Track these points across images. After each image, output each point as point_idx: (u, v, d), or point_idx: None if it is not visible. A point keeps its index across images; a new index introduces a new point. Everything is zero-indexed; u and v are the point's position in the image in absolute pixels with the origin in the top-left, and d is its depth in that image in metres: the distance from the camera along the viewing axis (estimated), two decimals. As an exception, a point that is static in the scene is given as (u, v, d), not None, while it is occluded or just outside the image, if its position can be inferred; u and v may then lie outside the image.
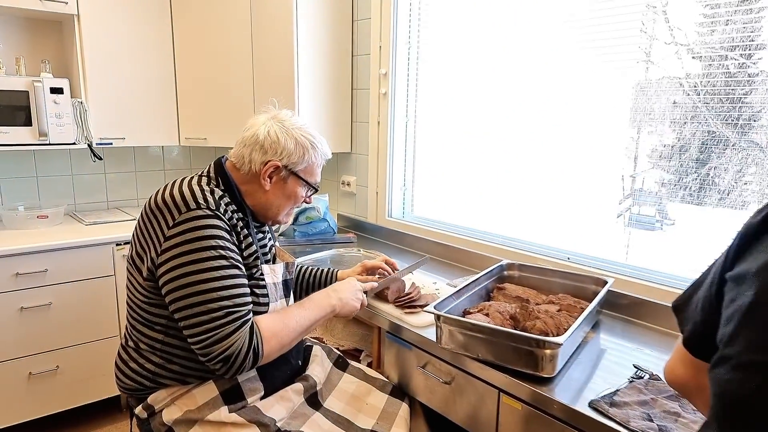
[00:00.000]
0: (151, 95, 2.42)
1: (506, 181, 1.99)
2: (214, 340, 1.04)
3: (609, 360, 1.28)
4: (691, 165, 1.35)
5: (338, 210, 2.67)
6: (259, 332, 1.09)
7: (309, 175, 1.28)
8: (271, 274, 1.24)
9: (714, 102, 1.29)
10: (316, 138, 1.26)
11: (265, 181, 1.21)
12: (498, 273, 1.66)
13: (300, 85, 2.22)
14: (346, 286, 1.36)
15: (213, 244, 1.07)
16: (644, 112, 1.45)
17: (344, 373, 1.44)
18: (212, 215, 1.09)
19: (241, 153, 1.22)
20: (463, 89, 2.08)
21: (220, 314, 1.05)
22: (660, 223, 1.53)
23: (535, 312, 1.34)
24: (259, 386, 1.20)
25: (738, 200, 1.29)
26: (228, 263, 1.08)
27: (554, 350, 1.13)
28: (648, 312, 1.52)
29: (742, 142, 1.26)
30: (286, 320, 1.17)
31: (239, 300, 1.08)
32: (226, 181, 1.20)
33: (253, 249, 1.19)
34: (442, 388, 1.35)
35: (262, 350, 1.09)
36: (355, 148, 2.50)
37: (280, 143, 1.20)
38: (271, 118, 1.24)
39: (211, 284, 1.05)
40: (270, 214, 1.27)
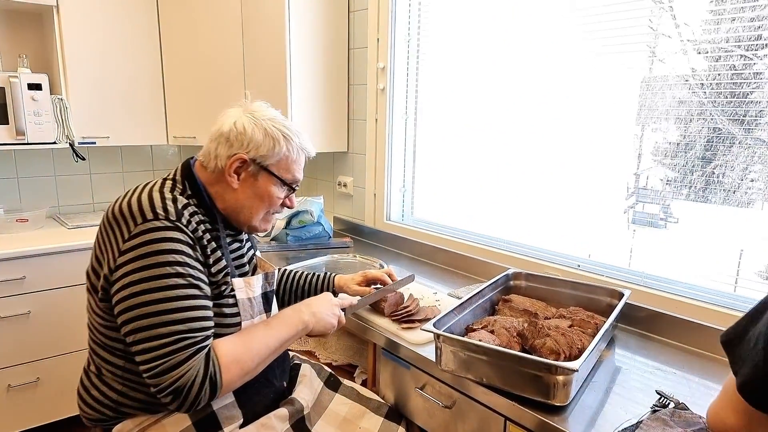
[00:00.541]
0: (137, 92, 2.30)
1: (511, 182, 1.88)
2: (163, 369, 0.91)
3: (627, 383, 1.15)
4: (697, 162, 1.32)
5: (334, 212, 2.55)
6: (217, 359, 0.96)
7: (283, 170, 1.13)
8: (246, 288, 1.11)
9: (720, 99, 1.26)
10: (290, 130, 1.13)
11: (232, 177, 1.08)
12: (504, 283, 1.53)
13: (292, 80, 2.10)
14: (321, 300, 1.21)
15: (170, 259, 0.95)
16: (649, 109, 1.40)
17: (336, 393, 1.32)
18: (172, 227, 0.97)
19: (208, 149, 1.10)
20: (466, 86, 1.96)
21: (170, 340, 0.92)
22: (664, 221, 1.47)
23: (544, 328, 1.22)
24: (237, 413, 1.08)
25: (743, 198, 1.25)
26: (185, 282, 0.96)
27: (568, 376, 1.00)
28: (666, 326, 1.39)
29: (748, 140, 1.23)
30: (249, 343, 1.03)
31: (195, 324, 0.95)
32: (193, 185, 1.08)
33: (222, 264, 1.06)
34: (442, 412, 1.23)
35: (221, 379, 0.95)
36: (352, 147, 2.38)
37: (246, 134, 1.07)
38: (242, 112, 1.11)
39: (163, 306, 0.93)
40: (242, 218, 1.13)
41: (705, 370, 1.22)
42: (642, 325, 1.44)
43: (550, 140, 1.73)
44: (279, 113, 1.16)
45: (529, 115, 1.78)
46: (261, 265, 1.26)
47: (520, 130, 1.82)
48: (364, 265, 1.95)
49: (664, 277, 1.48)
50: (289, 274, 1.47)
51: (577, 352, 1.17)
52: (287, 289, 1.44)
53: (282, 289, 1.45)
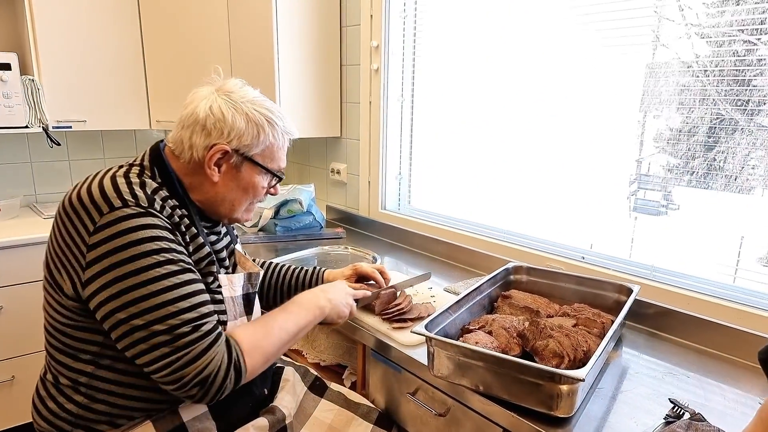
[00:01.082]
0: (116, 73, 2.17)
1: (511, 170, 1.78)
2: (186, 362, 0.83)
3: (636, 389, 1.05)
4: (699, 149, 1.30)
5: (327, 201, 2.44)
6: (238, 345, 0.90)
7: (269, 159, 1.03)
8: (228, 286, 1.01)
9: (723, 85, 1.24)
10: (274, 112, 1.01)
11: (212, 170, 0.97)
12: (503, 278, 1.43)
13: (280, 59, 1.97)
14: (337, 287, 1.17)
15: (154, 247, 0.85)
16: (652, 95, 1.37)
17: (321, 398, 1.22)
18: (144, 213, 0.87)
19: (180, 136, 0.97)
20: (465, 68, 1.85)
21: (186, 330, 0.84)
22: (665, 208, 1.43)
23: (547, 329, 1.12)
24: (211, 426, 0.98)
25: (745, 185, 1.24)
26: (179, 268, 0.87)
27: (573, 386, 0.90)
28: (676, 324, 1.30)
29: (750, 126, 1.20)
30: (269, 328, 0.97)
31: (204, 309, 0.87)
32: (163, 171, 0.97)
33: (205, 251, 0.96)
34: (435, 420, 1.13)
35: (245, 365, 0.90)
36: (346, 131, 2.26)
37: (226, 121, 0.95)
38: (215, 91, 0.99)
39: (164, 296, 0.84)
40: (223, 210, 1.03)
41: (721, 373, 1.13)
42: (651, 323, 1.35)
43: (551, 127, 1.65)
44: (258, 92, 1.04)
45: (531, 101, 1.68)
46: (241, 262, 1.15)
47: (522, 115, 1.72)
48: (356, 258, 1.85)
49: (673, 271, 1.38)
50: (275, 268, 1.37)
51: (583, 355, 1.07)
52: (273, 284, 1.34)
53: (267, 284, 1.34)
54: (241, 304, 1.05)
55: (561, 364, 1.06)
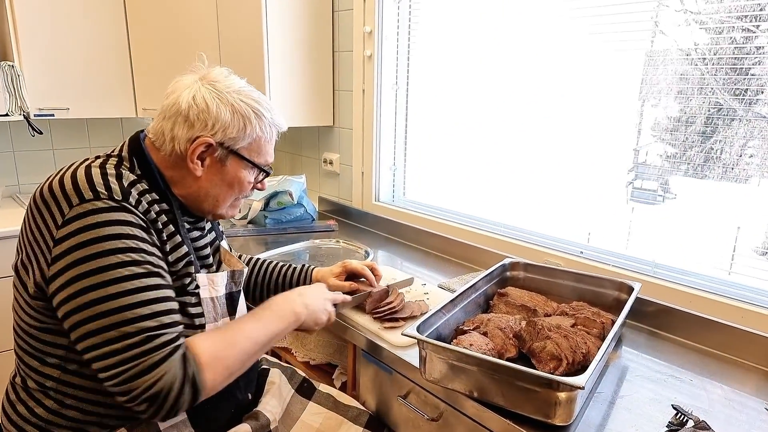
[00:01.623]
0: (100, 59, 2.09)
1: (509, 161, 1.73)
2: (135, 374, 0.76)
3: (638, 393, 1.01)
4: (696, 138, 1.28)
5: (320, 192, 2.38)
6: (194, 358, 0.82)
7: (255, 153, 0.98)
8: (210, 287, 0.96)
9: (721, 74, 1.22)
10: (261, 103, 0.96)
11: (195, 164, 0.92)
12: (500, 275, 1.38)
13: (270, 44, 1.90)
14: (315, 291, 1.08)
15: (120, 245, 0.79)
16: (651, 84, 1.34)
17: (309, 401, 1.18)
18: (117, 207, 0.81)
19: (161, 127, 0.92)
20: (462, 56, 1.78)
21: (139, 339, 0.77)
22: (662, 197, 1.40)
23: (544, 329, 1.07)
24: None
25: (741, 174, 1.23)
26: (144, 270, 0.81)
27: (572, 393, 0.86)
28: (677, 323, 1.26)
29: (748, 115, 1.18)
30: (234, 337, 0.89)
31: (165, 318, 0.81)
32: (144, 163, 0.91)
33: (183, 251, 0.91)
34: (427, 424, 1.09)
35: (203, 381, 0.81)
36: (339, 120, 2.19)
37: (210, 112, 0.90)
38: (198, 80, 0.93)
39: (123, 300, 0.78)
40: (206, 206, 0.98)
41: (724, 375, 1.08)
42: (651, 321, 1.30)
43: (549, 117, 1.60)
44: (245, 82, 0.98)
45: (529, 90, 1.63)
46: (226, 259, 1.10)
47: (520, 105, 1.67)
48: (348, 252, 1.80)
49: (675, 267, 1.34)
50: (262, 265, 1.31)
51: (582, 357, 1.03)
52: (259, 282, 1.29)
53: (252, 281, 1.29)
54: (224, 304, 1.00)
55: (559, 367, 1.02)
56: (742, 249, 1.26)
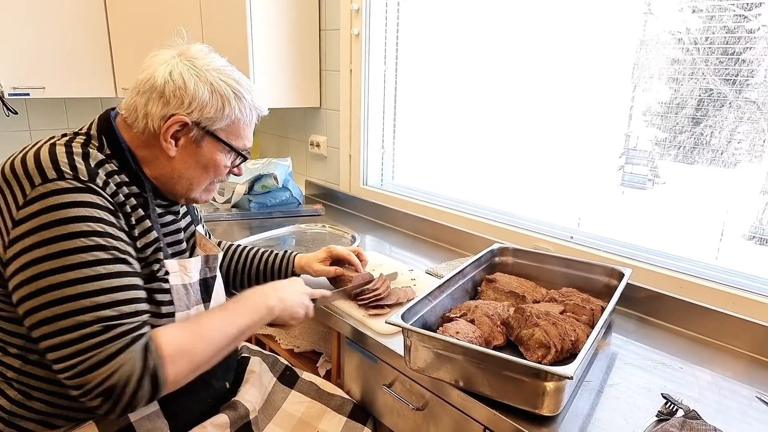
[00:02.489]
0: (77, 36, 2.00)
1: (499, 145, 1.69)
2: (89, 366, 0.72)
3: (627, 381, 0.99)
4: (686, 123, 1.27)
5: (307, 176, 2.33)
6: (157, 350, 0.77)
7: (233, 136, 0.93)
8: (181, 273, 0.91)
9: (713, 59, 1.20)
10: (242, 84, 0.91)
11: (168, 143, 0.87)
12: (488, 260, 1.35)
13: (254, 21, 1.83)
14: (291, 285, 1.04)
15: (84, 228, 0.75)
16: (642, 69, 1.34)
17: (292, 390, 1.15)
18: (83, 188, 0.77)
19: (134, 103, 0.87)
20: (452, 37, 1.73)
21: (96, 329, 0.73)
22: (652, 182, 1.40)
23: (533, 316, 1.04)
24: (163, 425, 0.90)
25: (730, 159, 1.23)
26: (109, 256, 0.76)
27: (560, 383, 0.83)
28: (667, 309, 1.24)
29: (738, 100, 1.18)
30: (201, 330, 0.84)
31: (127, 308, 0.76)
32: (113, 142, 0.86)
33: (152, 237, 0.86)
34: (413, 414, 1.06)
35: (164, 374, 0.77)
36: (326, 102, 2.13)
37: (187, 90, 0.85)
38: (176, 56, 0.88)
39: (82, 287, 0.73)
40: (180, 189, 0.93)
41: (715, 362, 1.07)
42: (641, 307, 1.28)
43: (540, 100, 1.56)
44: (226, 61, 0.93)
45: (520, 74, 1.59)
46: (202, 244, 1.05)
47: (511, 88, 1.63)
48: (334, 237, 1.76)
49: (666, 252, 1.32)
50: (242, 252, 1.27)
51: (570, 345, 1.00)
52: (239, 269, 1.25)
53: (233, 269, 1.25)
54: (198, 291, 0.96)
55: (547, 355, 0.99)
56: (730, 234, 1.25)
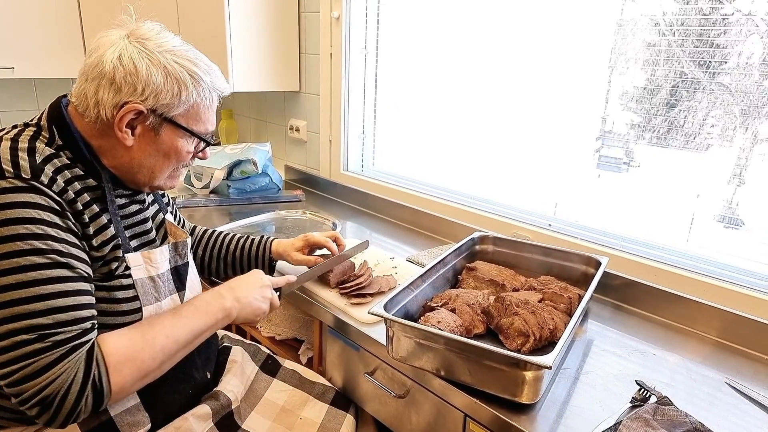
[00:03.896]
0: (47, 14, 1.92)
1: (479, 130, 1.69)
2: (24, 376, 0.70)
3: (602, 368, 1.02)
4: (661, 107, 1.29)
5: (286, 161, 2.30)
6: (103, 358, 0.75)
7: (193, 121, 0.88)
8: (146, 265, 0.88)
9: (688, 43, 1.21)
10: (199, 65, 0.86)
11: (124, 133, 0.82)
12: (468, 249, 1.36)
13: (231, 3, 1.78)
14: (247, 281, 1.00)
15: (21, 231, 0.71)
16: (619, 53, 1.34)
17: (274, 378, 1.15)
18: (25, 187, 0.73)
19: (83, 90, 0.81)
20: (433, 22, 1.71)
21: (29, 337, 0.70)
22: (627, 165, 1.41)
23: (512, 305, 1.06)
24: (144, 418, 0.89)
25: (703, 143, 1.25)
26: (47, 260, 0.73)
27: (538, 372, 0.85)
28: (642, 296, 1.27)
29: (712, 85, 1.20)
30: (151, 335, 0.81)
31: (64, 315, 0.73)
32: (65, 133, 0.82)
33: (109, 234, 0.83)
34: (394, 401, 1.07)
35: (108, 384, 0.75)
36: (305, 86, 2.10)
37: (139, 75, 0.80)
38: (125, 36, 0.82)
39: (15, 293, 0.70)
40: (141, 178, 0.89)
41: (687, 349, 1.10)
42: (617, 295, 1.31)
43: (519, 86, 1.57)
44: (180, 40, 0.87)
45: (500, 60, 1.58)
46: (172, 231, 1.01)
47: (490, 73, 1.62)
48: (314, 224, 1.75)
49: (641, 240, 1.35)
50: (218, 237, 1.25)
51: (549, 333, 1.03)
52: (214, 255, 1.23)
53: (209, 255, 1.23)
54: (170, 281, 0.93)
55: (526, 344, 1.01)
56: (701, 217, 1.28)
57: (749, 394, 0.95)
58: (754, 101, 1.16)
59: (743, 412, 0.91)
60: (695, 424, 0.84)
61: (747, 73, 1.16)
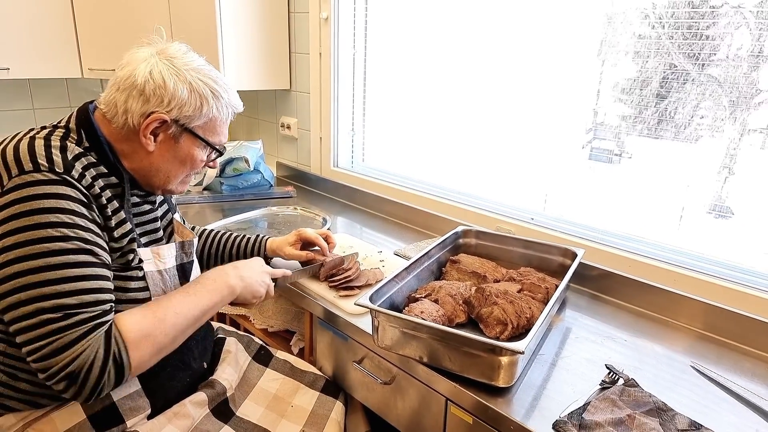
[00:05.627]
0: (41, 16, 1.95)
1: (468, 127, 1.74)
2: (50, 351, 0.76)
3: (576, 354, 1.08)
4: (651, 99, 1.31)
5: (278, 157, 2.35)
6: (120, 335, 0.82)
7: (210, 133, 0.97)
8: (155, 260, 0.95)
9: (677, 35, 1.24)
10: (219, 84, 0.95)
11: (147, 139, 0.91)
12: (452, 242, 1.42)
13: (222, 3, 1.82)
14: (251, 264, 1.08)
15: (53, 220, 0.78)
16: (609, 45, 1.36)
17: (267, 368, 1.20)
18: (58, 180, 0.80)
19: (114, 99, 0.90)
20: (420, 20, 1.75)
21: (56, 316, 0.77)
22: (619, 157, 1.45)
23: (492, 296, 1.12)
24: (144, 403, 0.95)
25: (693, 134, 1.27)
26: (74, 246, 0.80)
27: (513, 357, 0.91)
28: (617, 286, 1.34)
29: (701, 77, 1.23)
30: (163, 313, 0.88)
31: (88, 297, 0.80)
32: (92, 136, 0.90)
33: (127, 228, 0.90)
34: (381, 387, 1.13)
35: (128, 359, 0.81)
36: (296, 84, 2.14)
37: (167, 89, 0.89)
38: (156, 54, 0.91)
39: (45, 275, 0.77)
40: (157, 181, 0.97)
41: (656, 335, 1.17)
42: (593, 285, 1.38)
43: (509, 80, 1.60)
44: (204, 60, 0.97)
45: (489, 55, 1.62)
46: (179, 231, 1.09)
47: (479, 69, 1.66)
48: (305, 220, 1.80)
49: (619, 234, 1.41)
50: (215, 236, 1.31)
51: (526, 321, 1.09)
52: (212, 253, 1.29)
53: (206, 253, 1.29)
54: (175, 276, 1.00)
55: (505, 332, 1.07)
56: (691, 207, 1.32)
57: (711, 375, 1.02)
58: (742, 92, 1.18)
59: (704, 391, 0.98)
60: (658, 404, 0.91)
61: (736, 64, 1.18)
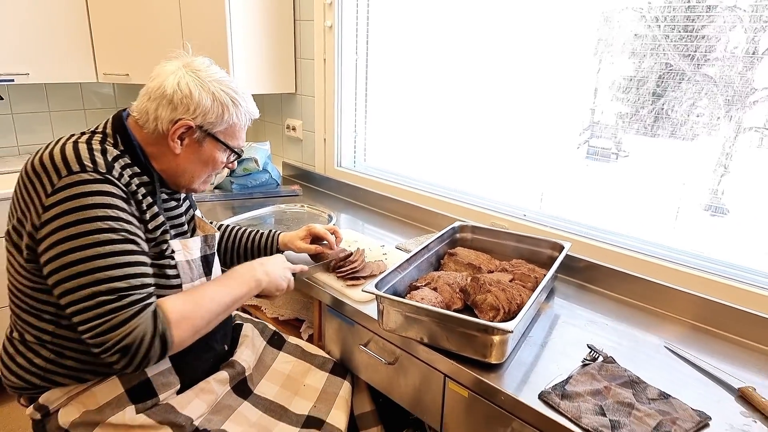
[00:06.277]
0: (58, 23, 2.05)
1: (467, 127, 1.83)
2: (108, 328, 0.87)
3: (562, 336, 1.19)
4: (648, 98, 1.35)
5: (284, 157, 2.46)
6: (165, 316, 0.93)
7: (230, 137, 1.09)
8: (184, 251, 1.06)
9: (673, 34, 1.27)
10: (239, 94, 1.07)
11: (175, 143, 1.02)
12: (450, 236, 1.53)
13: (232, 11, 1.93)
14: (275, 260, 1.22)
15: (101, 214, 0.89)
16: (606, 44, 1.40)
17: (280, 351, 1.32)
18: (101, 179, 0.91)
19: (145, 108, 1.01)
20: (419, 25, 1.85)
21: (111, 298, 0.88)
22: (616, 155, 1.50)
23: (486, 284, 1.23)
24: (174, 380, 1.06)
25: (689, 133, 1.29)
26: (120, 237, 0.91)
27: (503, 336, 1.02)
28: (602, 277, 1.44)
29: (697, 76, 1.26)
30: (200, 299, 1.00)
31: (135, 281, 0.91)
32: (126, 140, 1.01)
33: (160, 221, 1.01)
34: (385, 368, 1.25)
35: (171, 336, 0.92)
36: (300, 88, 2.25)
37: (193, 98, 1.00)
38: (182, 67, 1.02)
39: (98, 262, 0.88)
40: (182, 181, 1.08)
41: (635, 321, 1.28)
42: (581, 276, 1.48)
43: (506, 80, 1.67)
44: (225, 73, 1.08)
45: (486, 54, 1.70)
46: (201, 226, 1.21)
47: (477, 69, 1.75)
48: (312, 216, 1.91)
49: (605, 229, 1.51)
50: (231, 231, 1.42)
51: (516, 307, 1.20)
52: (229, 247, 1.40)
53: (223, 247, 1.40)
54: (200, 266, 1.11)
55: (497, 316, 1.18)
56: (687, 205, 1.36)
57: (682, 354, 1.13)
58: (738, 91, 1.20)
59: (674, 369, 1.09)
60: (632, 377, 1.02)
61: (731, 64, 1.20)
